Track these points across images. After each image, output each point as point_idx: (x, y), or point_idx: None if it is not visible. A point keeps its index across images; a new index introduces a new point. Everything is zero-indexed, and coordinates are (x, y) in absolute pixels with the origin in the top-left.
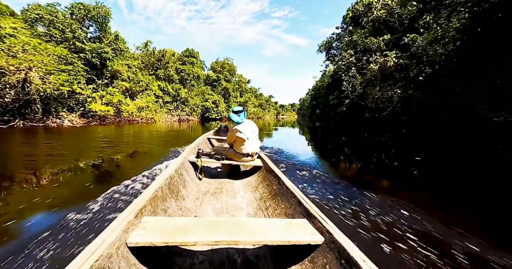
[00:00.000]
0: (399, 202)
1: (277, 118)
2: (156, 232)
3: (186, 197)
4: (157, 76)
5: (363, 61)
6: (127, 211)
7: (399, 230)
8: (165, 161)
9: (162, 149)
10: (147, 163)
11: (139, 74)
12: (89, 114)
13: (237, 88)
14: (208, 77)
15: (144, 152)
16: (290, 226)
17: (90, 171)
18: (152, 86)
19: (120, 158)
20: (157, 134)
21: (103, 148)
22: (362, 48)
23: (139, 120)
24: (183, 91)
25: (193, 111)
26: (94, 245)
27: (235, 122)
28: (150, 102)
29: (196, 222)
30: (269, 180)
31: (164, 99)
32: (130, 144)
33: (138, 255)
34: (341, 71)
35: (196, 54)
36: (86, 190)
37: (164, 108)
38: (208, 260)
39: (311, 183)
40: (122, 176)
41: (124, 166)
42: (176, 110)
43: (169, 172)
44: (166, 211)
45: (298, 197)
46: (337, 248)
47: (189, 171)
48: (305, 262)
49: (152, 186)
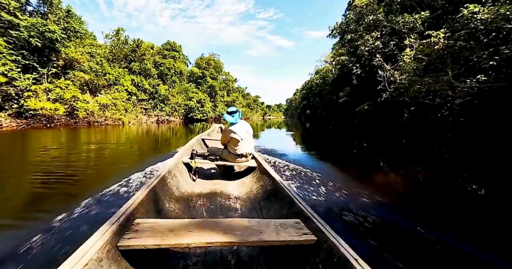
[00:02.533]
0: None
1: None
2: (148, 234)
3: (180, 198)
4: (131, 69)
5: (391, 46)
6: (118, 214)
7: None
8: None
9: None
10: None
11: (106, 65)
12: (29, 113)
13: (224, 86)
14: (192, 73)
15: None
16: (284, 226)
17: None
18: (123, 81)
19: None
20: (85, 156)
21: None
22: (389, 30)
23: (102, 122)
24: (162, 87)
25: (174, 111)
26: (83, 249)
27: (229, 123)
28: (119, 100)
29: (189, 223)
30: (263, 181)
31: (139, 96)
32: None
33: (130, 259)
34: (362, 58)
35: (178, 47)
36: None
37: (137, 107)
38: (201, 262)
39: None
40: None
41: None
42: (154, 109)
43: (162, 174)
44: (159, 213)
45: (291, 197)
46: (330, 248)
47: (183, 172)
48: (299, 262)
49: (144, 188)
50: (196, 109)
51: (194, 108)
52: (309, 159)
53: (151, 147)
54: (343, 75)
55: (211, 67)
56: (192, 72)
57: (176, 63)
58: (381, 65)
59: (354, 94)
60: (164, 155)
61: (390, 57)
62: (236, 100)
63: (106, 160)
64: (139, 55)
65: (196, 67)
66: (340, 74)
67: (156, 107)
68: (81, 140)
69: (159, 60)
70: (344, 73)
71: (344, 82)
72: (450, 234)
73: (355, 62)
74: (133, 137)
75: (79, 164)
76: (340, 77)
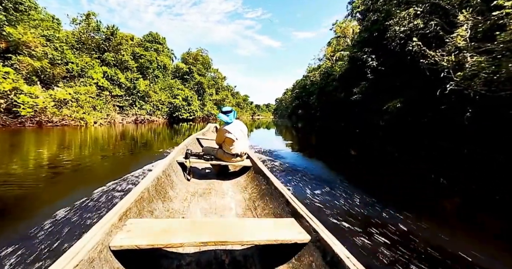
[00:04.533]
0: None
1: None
2: (141, 234)
3: (174, 198)
4: (104, 60)
5: (433, 26)
6: (110, 214)
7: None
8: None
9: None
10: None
11: (69, 52)
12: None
13: (213, 84)
14: (178, 69)
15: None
16: (278, 226)
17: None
18: (92, 73)
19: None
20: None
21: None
22: (428, 7)
23: (58, 122)
24: (142, 82)
25: (157, 109)
26: (74, 249)
27: (224, 122)
28: (85, 95)
29: (183, 223)
30: (258, 180)
31: (113, 91)
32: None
33: (122, 259)
34: (393, 44)
35: (162, 39)
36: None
37: (109, 104)
38: (195, 262)
39: None
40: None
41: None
42: (131, 107)
43: (156, 173)
44: (152, 213)
45: (286, 197)
46: (323, 246)
47: (177, 172)
48: (292, 260)
49: (138, 188)
50: (182, 108)
51: (180, 107)
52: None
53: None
54: (354, 69)
55: (198, 62)
56: (178, 67)
57: (159, 56)
58: (421, 50)
59: (370, 90)
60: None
61: (431, 40)
62: (226, 99)
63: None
64: (115, 44)
65: (183, 62)
66: (349, 69)
67: (134, 105)
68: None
69: (139, 51)
70: (356, 66)
71: (356, 76)
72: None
73: (371, 52)
74: (90, 144)
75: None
76: (350, 71)
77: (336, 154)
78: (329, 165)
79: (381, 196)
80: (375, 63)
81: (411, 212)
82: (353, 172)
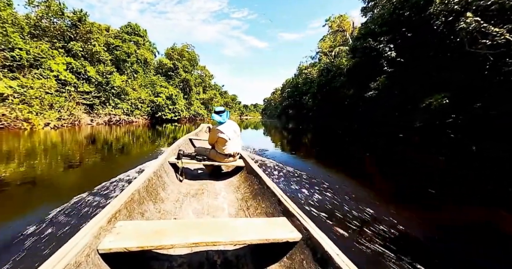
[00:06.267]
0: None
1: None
2: (131, 236)
3: (166, 199)
4: (70, 50)
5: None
6: (99, 216)
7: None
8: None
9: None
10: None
11: (16, 36)
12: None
13: (200, 82)
14: (161, 64)
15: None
16: (270, 225)
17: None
18: (52, 63)
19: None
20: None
21: None
22: None
23: None
24: (118, 77)
25: (136, 108)
26: (60, 254)
27: (217, 122)
28: (37, 90)
29: (174, 224)
30: (250, 180)
31: (79, 87)
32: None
33: (111, 262)
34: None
35: (142, 32)
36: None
37: (72, 102)
38: (186, 263)
39: None
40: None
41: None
42: (104, 106)
43: (147, 174)
44: (143, 215)
45: (278, 196)
46: (314, 244)
47: (169, 172)
48: (284, 259)
49: (128, 189)
50: (165, 107)
51: (163, 106)
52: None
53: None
54: (368, 62)
55: (184, 59)
56: (161, 63)
57: (139, 50)
58: (480, 28)
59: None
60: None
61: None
62: (214, 98)
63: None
64: (83, 32)
65: (167, 58)
66: (360, 62)
67: (107, 103)
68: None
69: (114, 42)
70: (370, 58)
71: (370, 70)
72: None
73: (389, 41)
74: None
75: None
76: (361, 65)
77: (359, 166)
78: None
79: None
80: (394, 54)
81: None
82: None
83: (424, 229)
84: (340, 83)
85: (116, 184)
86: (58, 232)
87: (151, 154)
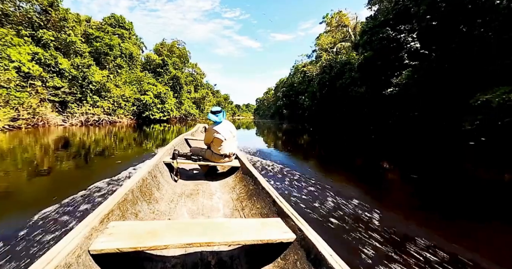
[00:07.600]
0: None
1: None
2: (123, 237)
3: (160, 199)
4: (40, 40)
5: None
6: (91, 217)
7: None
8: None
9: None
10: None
11: None
12: None
13: (191, 80)
14: (149, 60)
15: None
16: (264, 225)
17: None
18: (12, 52)
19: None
20: None
21: None
22: None
23: None
24: (97, 72)
25: (119, 107)
26: (49, 255)
27: (213, 122)
28: None
29: (168, 225)
30: (246, 181)
31: (48, 82)
32: None
33: (103, 264)
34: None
35: (128, 24)
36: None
37: (36, 99)
38: (180, 264)
39: None
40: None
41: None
42: (80, 104)
43: (141, 174)
44: (137, 215)
45: (273, 196)
46: (307, 245)
47: (164, 172)
48: (278, 260)
49: (121, 190)
50: (153, 106)
51: (151, 105)
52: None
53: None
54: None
55: (174, 55)
56: (149, 59)
57: (124, 43)
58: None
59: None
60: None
61: None
62: (206, 97)
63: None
64: (56, 20)
65: (156, 54)
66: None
67: (84, 101)
68: None
69: (93, 32)
70: (387, 50)
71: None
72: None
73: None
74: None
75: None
76: (376, 58)
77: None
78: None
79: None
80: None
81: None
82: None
83: (424, 229)
84: (350, 80)
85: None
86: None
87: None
